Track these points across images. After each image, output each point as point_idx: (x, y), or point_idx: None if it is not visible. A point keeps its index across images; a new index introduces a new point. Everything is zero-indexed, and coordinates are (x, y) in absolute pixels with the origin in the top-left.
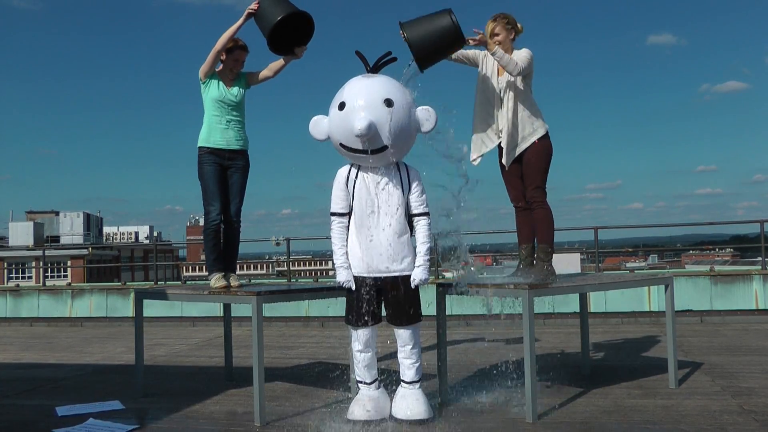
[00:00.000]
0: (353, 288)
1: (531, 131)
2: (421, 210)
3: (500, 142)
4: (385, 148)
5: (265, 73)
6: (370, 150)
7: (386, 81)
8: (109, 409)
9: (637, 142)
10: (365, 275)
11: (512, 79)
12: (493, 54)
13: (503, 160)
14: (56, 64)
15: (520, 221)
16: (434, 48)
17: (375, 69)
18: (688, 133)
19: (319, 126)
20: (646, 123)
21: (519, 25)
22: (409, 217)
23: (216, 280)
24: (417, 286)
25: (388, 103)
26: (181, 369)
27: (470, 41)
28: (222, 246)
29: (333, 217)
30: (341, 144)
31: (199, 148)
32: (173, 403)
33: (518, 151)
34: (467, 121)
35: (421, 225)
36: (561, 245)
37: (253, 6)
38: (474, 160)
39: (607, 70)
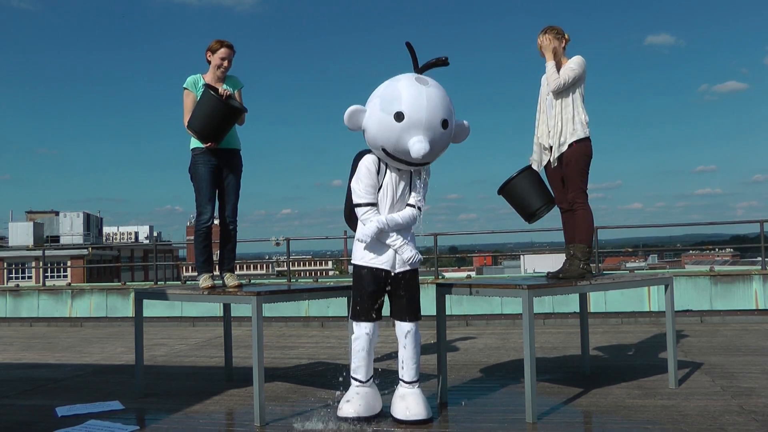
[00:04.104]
0: (422, 261)
1: (571, 132)
2: (412, 202)
3: (548, 144)
4: (427, 163)
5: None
6: (414, 164)
7: (443, 94)
8: (109, 409)
9: (637, 142)
10: (378, 267)
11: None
12: (546, 65)
13: (549, 160)
14: (56, 65)
15: (564, 223)
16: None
17: (423, 69)
18: (688, 134)
19: (355, 119)
20: (645, 123)
21: (566, 35)
22: None
23: (204, 281)
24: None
25: (445, 124)
26: (181, 369)
27: None
28: (219, 247)
29: (364, 207)
30: (384, 149)
31: (193, 149)
32: (173, 403)
33: (558, 152)
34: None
35: (407, 208)
36: (561, 245)
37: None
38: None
39: (606, 70)
